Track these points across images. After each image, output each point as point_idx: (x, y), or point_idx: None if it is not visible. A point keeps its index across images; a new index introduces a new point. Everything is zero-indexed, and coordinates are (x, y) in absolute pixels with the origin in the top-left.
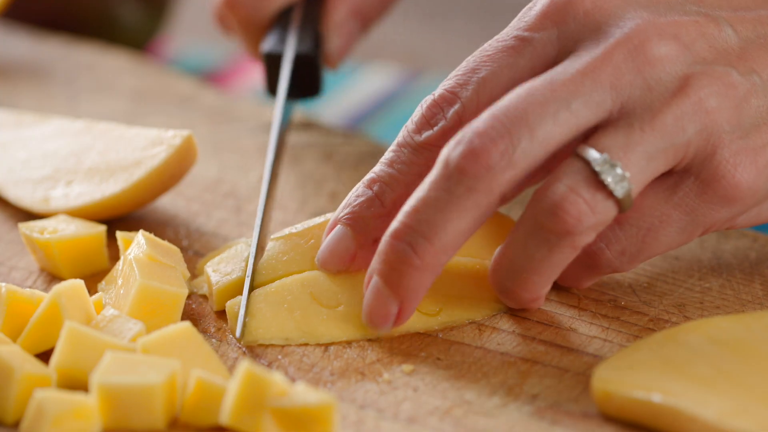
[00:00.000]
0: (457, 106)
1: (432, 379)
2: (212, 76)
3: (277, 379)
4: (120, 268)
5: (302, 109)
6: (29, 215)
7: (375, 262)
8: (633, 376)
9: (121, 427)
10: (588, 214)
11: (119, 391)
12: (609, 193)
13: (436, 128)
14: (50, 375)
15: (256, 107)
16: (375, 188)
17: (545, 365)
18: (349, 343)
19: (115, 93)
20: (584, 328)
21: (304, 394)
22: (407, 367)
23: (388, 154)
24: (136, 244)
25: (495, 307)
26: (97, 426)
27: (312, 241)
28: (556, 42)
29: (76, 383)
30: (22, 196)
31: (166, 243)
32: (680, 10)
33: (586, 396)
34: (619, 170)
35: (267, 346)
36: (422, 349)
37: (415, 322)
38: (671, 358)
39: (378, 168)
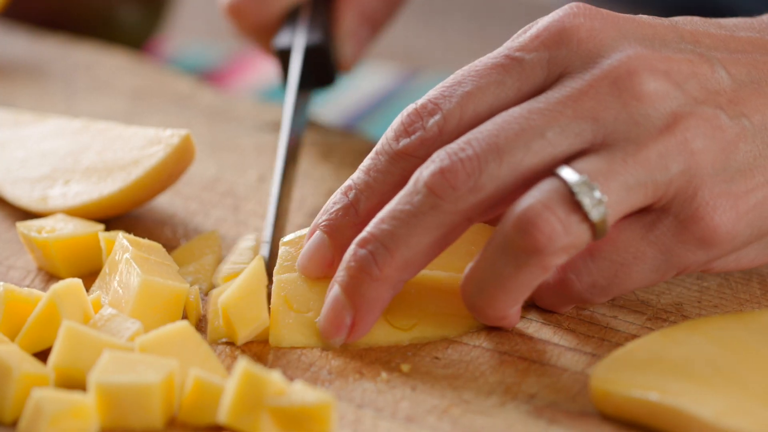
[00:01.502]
0: (437, 117)
1: (430, 378)
2: (210, 76)
3: (275, 378)
4: (107, 270)
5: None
6: (27, 214)
7: (338, 270)
8: (631, 375)
9: (119, 427)
10: (560, 234)
11: (117, 390)
12: (584, 216)
13: (413, 137)
14: (48, 374)
15: (254, 106)
16: (350, 196)
17: (543, 364)
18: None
19: (113, 92)
20: (582, 327)
21: (302, 393)
22: (405, 366)
23: (366, 161)
24: (120, 247)
25: (470, 325)
26: (94, 425)
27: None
28: (546, 66)
29: (74, 382)
30: (20, 195)
31: (146, 241)
32: (675, 48)
33: (584, 395)
34: (597, 193)
35: (263, 344)
36: (420, 348)
37: (385, 335)
38: (669, 358)
39: (355, 175)
